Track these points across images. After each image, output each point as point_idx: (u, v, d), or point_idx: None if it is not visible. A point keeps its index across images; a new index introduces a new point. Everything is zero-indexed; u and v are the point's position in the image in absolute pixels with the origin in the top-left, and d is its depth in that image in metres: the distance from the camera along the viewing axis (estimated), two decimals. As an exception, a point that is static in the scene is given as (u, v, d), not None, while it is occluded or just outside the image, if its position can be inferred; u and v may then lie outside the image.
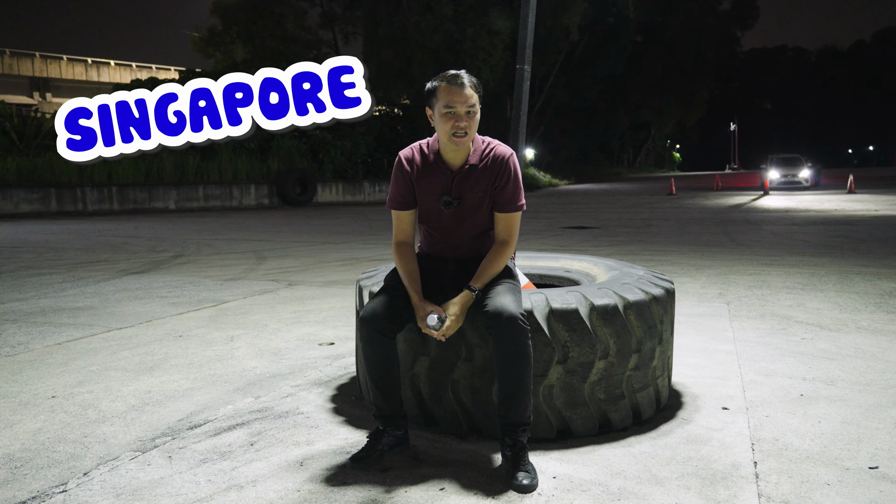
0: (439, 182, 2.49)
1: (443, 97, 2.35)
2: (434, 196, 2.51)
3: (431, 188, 2.50)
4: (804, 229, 11.36)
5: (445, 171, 2.49)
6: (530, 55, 2.94)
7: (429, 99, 2.42)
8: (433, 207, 2.52)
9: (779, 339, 4.06)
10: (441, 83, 2.37)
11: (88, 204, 19.55)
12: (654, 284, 2.75)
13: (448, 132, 2.37)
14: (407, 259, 2.48)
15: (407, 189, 2.54)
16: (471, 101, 2.35)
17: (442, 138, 2.43)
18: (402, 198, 2.56)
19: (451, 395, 2.53)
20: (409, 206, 2.56)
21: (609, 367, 2.51)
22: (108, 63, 49.73)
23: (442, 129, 2.39)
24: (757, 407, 2.84)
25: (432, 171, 2.50)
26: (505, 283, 2.40)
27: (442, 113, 2.36)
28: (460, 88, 2.34)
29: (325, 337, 4.28)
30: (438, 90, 2.37)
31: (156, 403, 3.01)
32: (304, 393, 3.13)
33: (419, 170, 2.52)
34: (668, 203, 20.94)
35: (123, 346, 4.05)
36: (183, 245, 10.31)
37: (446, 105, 2.34)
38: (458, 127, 2.35)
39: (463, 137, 2.37)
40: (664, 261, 7.68)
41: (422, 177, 2.51)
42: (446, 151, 2.47)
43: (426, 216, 2.57)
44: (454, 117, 2.35)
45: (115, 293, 5.96)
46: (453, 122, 2.35)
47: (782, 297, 5.41)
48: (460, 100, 2.34)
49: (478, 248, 2.57)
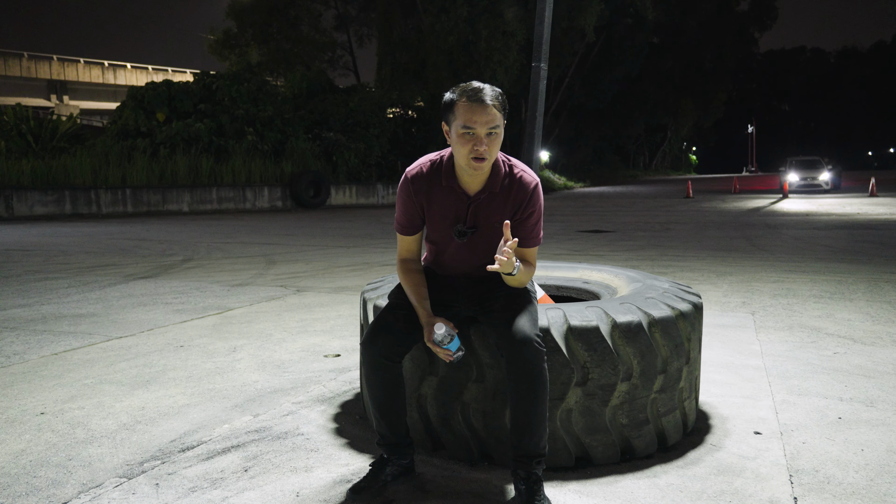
0: (452, 208, 2.22)
1: (461, 114, 2.04)
2: (446, 223, 2.24)
3: (443, 214, 2.23)
4: (827, 234, 11.05)
5: (460, 195, 2.20)
6: (547, 52, 2.76)
7: (445, 113, 2.11)
8: (444, 235, 2.27)
9: (809, 353, 3.83)
10: (461, 99, 2.05)
11: (102, 206, 19.55)
12: (680, 299, 2.54)
13: (466, 155, 2.07)
14: (413, 275, 2.27)
15: (415, 212, 2.27)
16: (493, 121, 2.04)
17: (458, 161, 2.12)
18: (409, 222, 2.29)
19: (461, 418, 2.34)
20: (416, 231, 2.31)
21: (632, 389, 2.31)
22: (124, 66, 50.04)
23: (459, 151, 2.08)
24: (792, 432, 2.62)
25: (445, 195, 2.21)
26: (520, 297, 2.21)
27: (459, 133, 2.05)
28: (482, 107, 2.02)
29: (331, 348, 4.10)
30: (457, 106, 2.05)
31: (148, 422, 2.84)
32: (306, 411, 2.95)
33: (429, 192, 2.23)
34: (686, 206, 20.62)
35: (121, 357, 3.90)
36: (193, 248, 10.20)
37: (465, 125, 2.03)
38: (477, 151, 2.04)
39: (482, 162, 2.07)
40: (683, 266, 7.44)
41: (432, 201, 2.23)
42: (462, 174, 2.18)
43: (436, 242, 2.33)
44: (473, 139, 2.04)
45: (119, 299, 5.83)
46: (472, 146, 2.04)
47: (810, 306, 5.16)
48: (481, 120, 2.02)
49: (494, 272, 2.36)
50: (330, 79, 30.13)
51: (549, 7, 2.70)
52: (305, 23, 38.75)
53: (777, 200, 22.58)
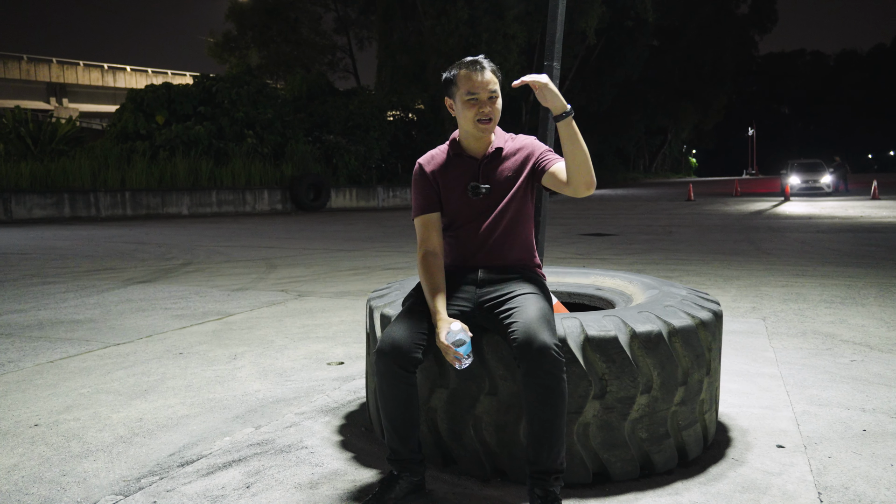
0: (465, 172, 2.33)
1: (463, 84, 2.22)
2: (460, 188, 2.32)
3: (457, 180, 2.33)
4: (831, 237, 10.96)
5: (469, 160, 2.34)
6: (559, 51, 2.66)
7: (448, 88, 2.29)
8: (460, 202, 2.31)
9: (825, 360, 3.73)
10: (461, 70, 2.24)
11: (101, 209, 19.45)
12: (699, 307, 2.44)
13: (472, 118, 2.24)
14: (434, 271, 2.23)
15: (430, 190, 2.35)
16: (492, 85, 2.23)
17: (465, 126, 2.28)
18: (426, 200, 2.34)
19: (473, 432, 2.23)
20: (434, 208, 2.34)
21: (652, 402, 2.21)
22: (123, 69, 49.95)
23: (465, 116, 2.25)
24: (816, 445, 2.52)
25: (455, 164, 2.35)
26: (535, 300, 2.12)
27: (464, 100, 2.23)
28: (481, 73, 2.21)
29: (335, 355, 4.00)
30: (458, 78, 2.24)
31: (146, 434, 2.74)
32: (310, 422, 2.85)
33: (441, 167, 2.36)
34: (687, 209, 20.52)
35: (119, 365, 3.80)
36: (193, 252, 10.10)
37: (468, 92, 2.22)
38: (483, 113, 2.22)
39: (488, 123, 2.24)
40: (690, 271, 7.34)
41: (445, 173, 2.35)
42: (469, 141, 2.32)
43: (452, 214, 2.34)
44: (477, 104, 2.22)
45: (117, 304, 5.72)
46: (477, 109, 2.22)
47: (821, 311, 5.06)
48: (482, 85, 2.21)
49: (511, 253, 2.31)
50: (330, 81, 30.03)
51: (562, 4, 2.60)
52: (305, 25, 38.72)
53: (779, 203, 22.48)
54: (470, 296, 2.26)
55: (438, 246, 2.31)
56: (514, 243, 2.33)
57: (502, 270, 2.29)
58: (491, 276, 2.28)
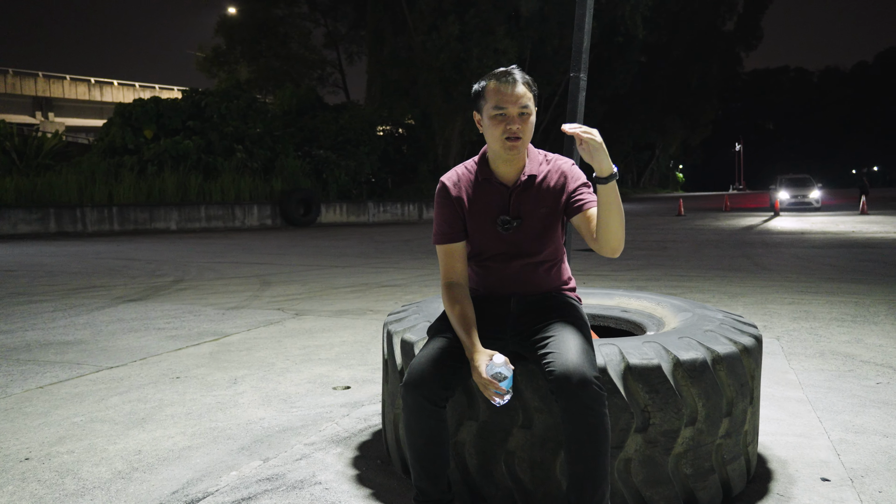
0: (493, 201, 2.12)
1: (492, 97, 2.00)
2: (488, 218, 2.12)
3: (484, 210, 2.12)
4: (826, 252, 10.91)
5: (499, 187, 2.11)
6: (587, 61, 2.53)
7: (476, 102, 2.08)
8: (487, 233, 2.12)
9: (850, 383, 3.60)
10: (489, 82, 2.02)
11: (88, 224, 19.16)
12: (740, 332, 2.30)
13: (499, 137, 2.01)
14: (461, 301, 2.05)
15: (454, 216, 2.14)
16: (524, 100, 1.99)
17: (493, 146, 2.06)
18: (450, 227, 2.14)
19: (505, 469, 2.07)
20: (459, 238, 2.14)
21: (697, 434, 2.06)
22: (111, 83, 49.65)
23: (492, 134, 2.03)
24: (862, 478, 2.38)
25: (484, 190, 2.13)
26: (573, 328, 1.96)
27: (491, 115, 2.01)
28: (512, 86, 1.98)
29: (340, 379, 3.83)
30: (487, 90, 2.02)
31: (146, 468, 2.55)
32: (321, 454, 2.68)
33: (467, 191, 2.14)
34: (679, 224, 20.51)
35: (113, 391, 3.60)
36: (184, 269, 9.88)
37: (496, 106, 1.99)
38: (511, 130, 1.99)
39: (517, 142, 2.01)
40: (692, 287, 7.23)
41: (471, 199, 2.13)
42: (498, 163, 2.11)
43: (479, 246, 2.15)
44: (505, 119, 1.99)
45: (108, 324, 5.52)
46: (504, 125, 2.00)
47: (834, 330, 4.95)
48: (512, 99, 1.98)
49: (543, 282, 2.15)
50: (320, 96, 29.95)
51: (589, 13, 2.47)
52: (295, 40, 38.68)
53: (769, 218, 22.54)
54: (502, 325, 2.10)
55: (463, 276, 2.14)
56: (548, 272, 2.18)
57: (537, 299, 2.14)
58: (525, 307, 2.13)
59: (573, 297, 2.23)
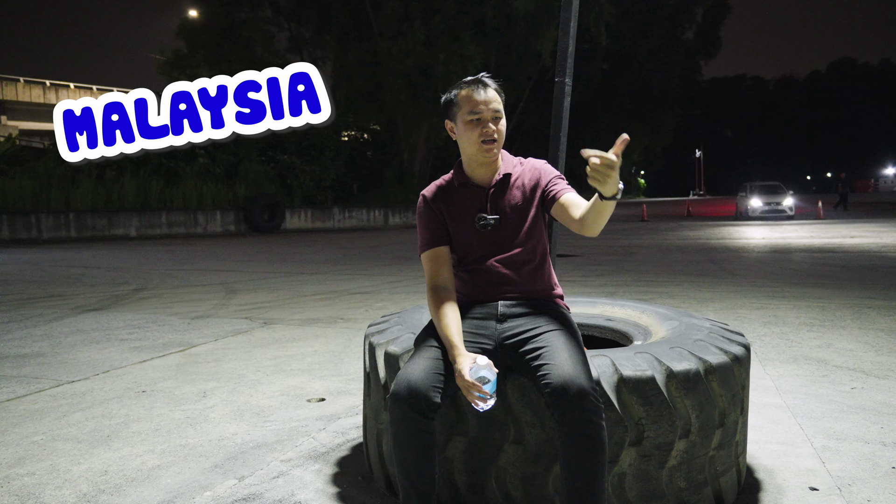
0: (472, 202, 2.17)
1: (465, 104, 2.07)
2: (469, 220, 2.15)
3: (464, 212, 2.16)
4: (787, 257, 11.13)
5: (476, 189, 2.17)
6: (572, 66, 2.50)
7: (448, 110, 2.14)
8: (469, 234, 2.13)
9: (826, 388, 3.62)
10: (461, 90, 2.10)
11: (44, 231, 18.59)
12: (729, 341, 2.28)
13: (476, 140, 2.07)
14: (446, 306, 2.02)
15: (437, 223, 2.18)
16: (495, 104, 2.08)
17: (469, 150, 2.12)
18: (433, 234, 2.15)
19: (496, 486, 2.00)
20: (442, 242, 2.14)
21: (691, 447, 2.02)
22: (67, 86, 48.38)
23: (468, 139, 2.09)
24: (850, 486, 2.37)
25: (462, 194, 2.18)
26: (565, 338, 1.92)
27: (466, 121, 2.08)
28: (484, 91, 2.07)
29: (314, 390, 3.72)
30: (459, 98, 2.09)
31: (113, 490, 2.42)
32: (299, 471, 2.57)
33: (447, 198, 2.19)
34: (644, 229, 20.76)
35: (75, 407, 3.44)
36: (146, 276, 9.61)
37: (471, 111, 2.06)
38: (487, 133, 2.06)
39: (492, 144, 2.08)
40: (663, 293, 7.27)
41: (451, 203, 2.18)
42: (474, 167, 2.16)
43: (462, 249, 2.15)
44: (481, 123, 2.06)
45: (68, 336, 5.30)
46: (480, 129, 2.06)
47: (804, 335, 5.00)
48: (485, 104, 2.06)
49: (531, 285, 2.12)
50: (284, 101, 29.59)
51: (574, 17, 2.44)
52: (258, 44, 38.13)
53: (732, 223, 22.94)
54: (490, 332, 2.04)
55: (449, 280, 2.11)
56: (533, 275, 2.14)
57: (524, 304, 2.09)
58: (512, 311, 2.08)
59: (562, 306, 2.18)
